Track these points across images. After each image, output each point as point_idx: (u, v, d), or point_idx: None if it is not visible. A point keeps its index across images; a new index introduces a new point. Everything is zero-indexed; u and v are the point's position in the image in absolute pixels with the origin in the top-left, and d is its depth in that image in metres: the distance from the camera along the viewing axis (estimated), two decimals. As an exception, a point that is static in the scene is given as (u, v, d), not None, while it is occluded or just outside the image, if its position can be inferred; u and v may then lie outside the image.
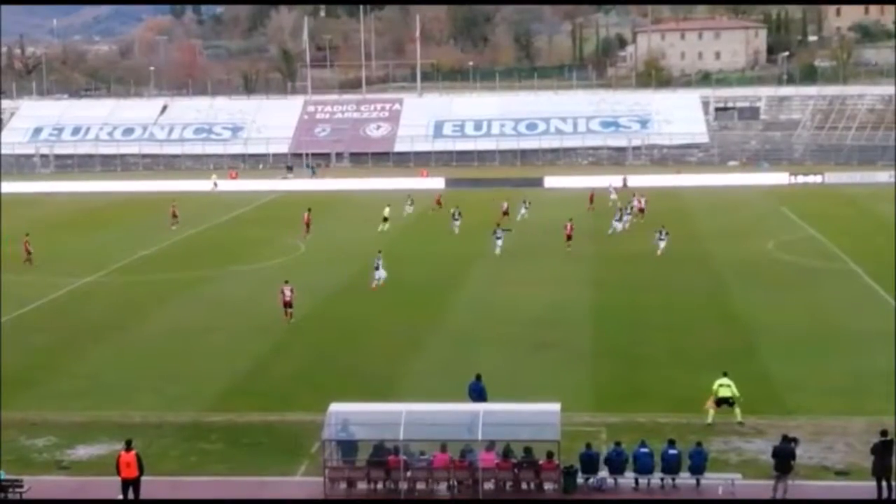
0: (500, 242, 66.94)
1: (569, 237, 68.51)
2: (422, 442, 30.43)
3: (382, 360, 43.41)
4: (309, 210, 78.03)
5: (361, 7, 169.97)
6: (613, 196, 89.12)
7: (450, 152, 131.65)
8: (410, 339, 46.57)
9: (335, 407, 30.81)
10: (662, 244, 65.88)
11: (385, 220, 77.54)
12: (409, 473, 30.02)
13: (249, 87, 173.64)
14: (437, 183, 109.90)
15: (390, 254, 60.09)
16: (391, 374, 41.35)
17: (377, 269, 57.31)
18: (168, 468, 31.91)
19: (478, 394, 35.01)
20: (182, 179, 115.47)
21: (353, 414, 31.01)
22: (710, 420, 34.75)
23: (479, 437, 29.77)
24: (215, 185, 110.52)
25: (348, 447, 30.58)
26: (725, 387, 35.25)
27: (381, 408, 32.21)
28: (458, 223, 75.65)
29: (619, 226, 74.57)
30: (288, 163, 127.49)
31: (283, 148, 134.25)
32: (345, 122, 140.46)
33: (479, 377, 35.68)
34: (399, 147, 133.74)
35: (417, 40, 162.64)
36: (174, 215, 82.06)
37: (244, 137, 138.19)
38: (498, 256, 65.82)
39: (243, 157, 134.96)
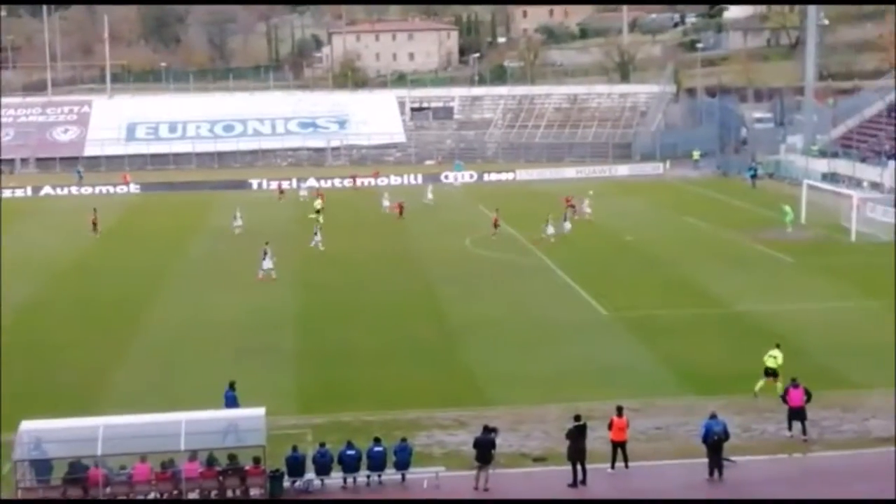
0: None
1: (495, 224, 72.72)
2: (123, 456, 29.42)
3: (82, 373, 41.60)
4: (95, 210, 77.89)
5: (45, 7, 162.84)
6: (386, 203, 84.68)
7: (144, 156, 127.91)
8: (110, 351, 44.89)
9: (26, 425, 29.32)
10: (568, 225, 72.19)
11: (318, 211, 78.97)
12: (108, 489, 28.94)
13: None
14: (131, 188, 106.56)
15: (89, 266, 57.58)
16: (92, 388, 39.70)
17: (264, 259, 57.60)
18: None
19: (231, 402, 34.32)
20: None
21: (46, 431, 29.59)
22: (756, 389, 35.94)
23: (182, 447, 29.06)
24: None
25: (42, 466, 29.17)
26: (771, 357, 36.25)
27: (77, 423, 30.73)
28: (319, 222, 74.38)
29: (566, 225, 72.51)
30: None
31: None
32: (29, 126, 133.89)
33: (232, 385, 35.00)
34: (89, 151, 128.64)
35: (106, 41, 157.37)
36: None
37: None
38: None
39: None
